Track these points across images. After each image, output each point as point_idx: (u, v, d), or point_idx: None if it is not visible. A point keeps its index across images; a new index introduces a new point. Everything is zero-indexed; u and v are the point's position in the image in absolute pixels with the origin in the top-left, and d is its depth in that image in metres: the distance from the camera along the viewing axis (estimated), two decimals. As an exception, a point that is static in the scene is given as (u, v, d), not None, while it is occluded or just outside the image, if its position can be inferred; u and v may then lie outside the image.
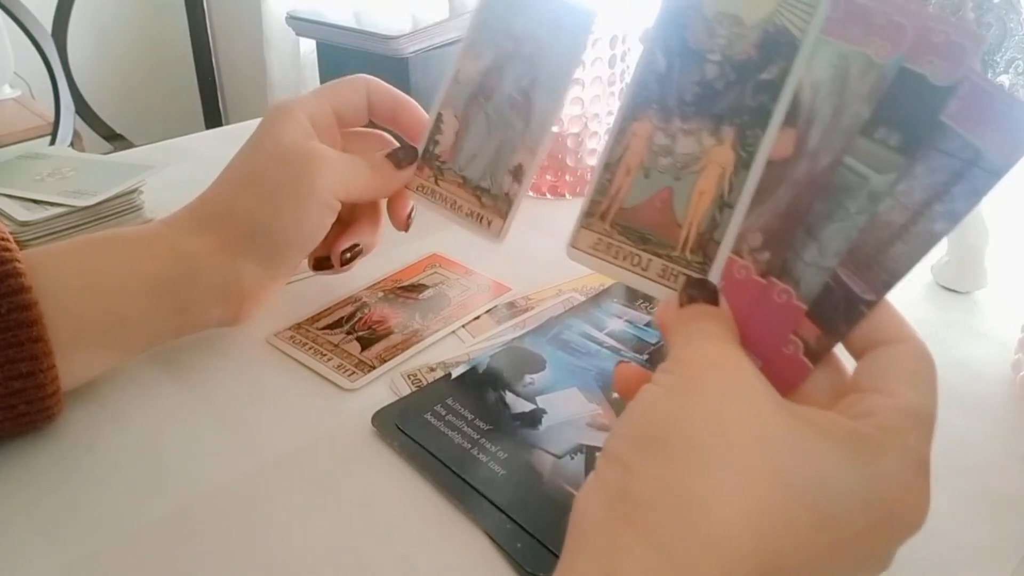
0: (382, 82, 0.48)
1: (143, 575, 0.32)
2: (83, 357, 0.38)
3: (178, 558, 0.32)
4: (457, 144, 0.46)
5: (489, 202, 0.44)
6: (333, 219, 0.44)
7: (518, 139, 0.43)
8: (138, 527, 0.34)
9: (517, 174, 0.43)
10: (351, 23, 0.70)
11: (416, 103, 0.49)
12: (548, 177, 0.62)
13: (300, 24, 0.74)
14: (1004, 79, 0.42)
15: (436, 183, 0.46)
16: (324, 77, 0.76)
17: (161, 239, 0.41)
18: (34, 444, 0.38)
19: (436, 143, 0.46)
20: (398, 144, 0.48)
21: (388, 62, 0.65)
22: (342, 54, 0.71)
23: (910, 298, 0.49)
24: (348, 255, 0.46)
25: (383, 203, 0.49)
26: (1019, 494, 0.35)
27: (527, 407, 0.39)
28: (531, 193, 0.63)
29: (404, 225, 0.48)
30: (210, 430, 0.39)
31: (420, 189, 0.47)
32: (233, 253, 0.41)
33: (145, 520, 0.34)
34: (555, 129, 0.60)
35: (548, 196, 0.62)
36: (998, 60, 0.42)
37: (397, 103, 0.48)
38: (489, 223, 0.44)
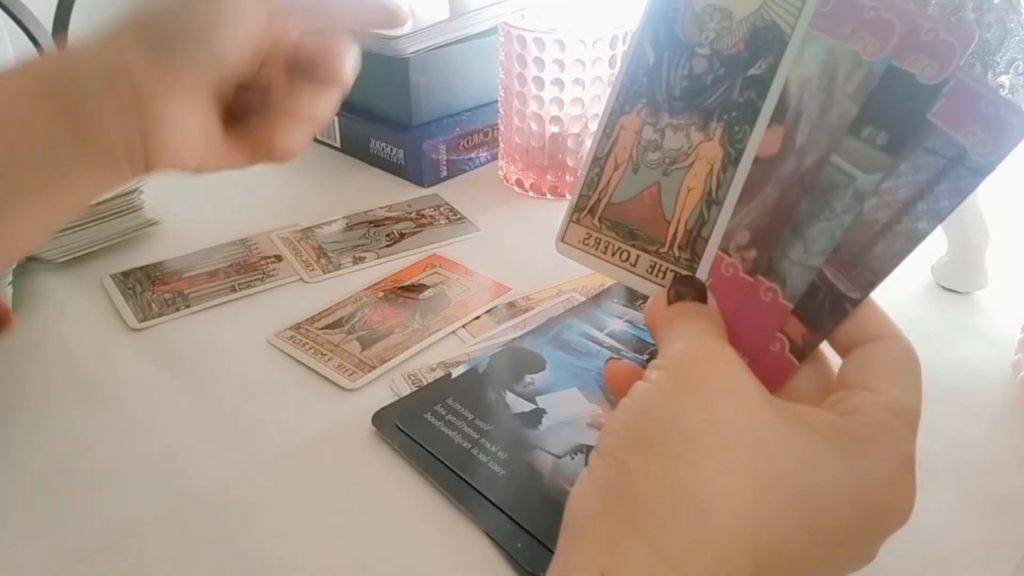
0: None
1: (143, 574, 0.32)
2: None
3: (178, 557, 0.32)
4: None
5: None
6: (255, 30, 0.35)
7: None
8: (138, 526, 0.34)
9: None
10: (351, 23, 0.70)
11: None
12: (548, 177, 0.62)
13: (300, 24, 0.73)
14: (1004, 79, 0.42)
15: None
16: (324, 77, 0.76)
17: (38, 54, 0.38)
18: (34, 443, 0.38)
19: None
20: None
21: (388, 62, 0.65)
22: (342, 54, 0.71)
23: (910, 298, 0.49)
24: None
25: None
26: (1019, 494, 0.35)
27: (527, 407, 0.39)
28: (531, 193, 0.63)
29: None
30: (210, 430, 0.39)
31: None
32: (121, 41, 0.34)
33: (145, 519, 0.34)
34: (556, 129, 0.60)
35: (548, 196, 0.62)
36: (998, 60, 0.42)
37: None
38: None
